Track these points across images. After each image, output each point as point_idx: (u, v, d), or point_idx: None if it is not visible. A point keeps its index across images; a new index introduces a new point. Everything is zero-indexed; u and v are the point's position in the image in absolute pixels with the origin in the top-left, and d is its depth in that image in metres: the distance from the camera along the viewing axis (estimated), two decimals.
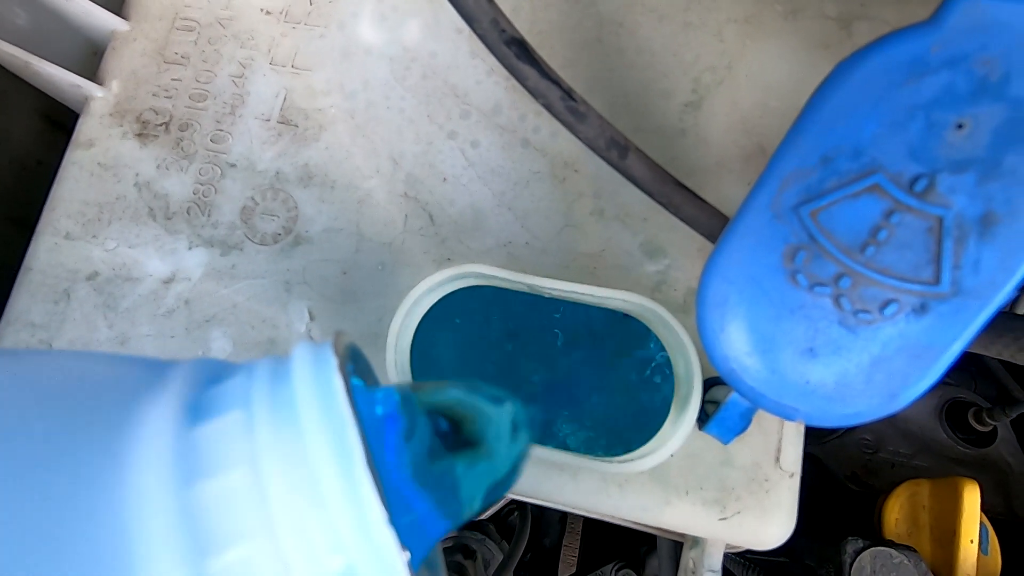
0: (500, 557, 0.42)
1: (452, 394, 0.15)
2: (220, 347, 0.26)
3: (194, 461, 0.11)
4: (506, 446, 0.14)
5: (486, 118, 0.28)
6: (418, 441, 0.13)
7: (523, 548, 0.40)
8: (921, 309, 0.17)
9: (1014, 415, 0.45)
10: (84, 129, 0.29)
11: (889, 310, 0.17)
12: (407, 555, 0.11)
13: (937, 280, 0.17)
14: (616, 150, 0.21)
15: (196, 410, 0.12)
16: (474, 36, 0.21)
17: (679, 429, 0.21)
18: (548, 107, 0.21)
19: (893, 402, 0.17)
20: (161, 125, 0.29)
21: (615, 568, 0.46)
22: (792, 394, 0.18)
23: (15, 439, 0.11)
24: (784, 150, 0.18)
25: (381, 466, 0.12)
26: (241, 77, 0.29)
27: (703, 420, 0.22)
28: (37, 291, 0.27)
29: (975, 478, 0.48)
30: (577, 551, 0.49)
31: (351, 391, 0.12)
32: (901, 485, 0.41)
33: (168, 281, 0.27)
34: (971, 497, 0.38)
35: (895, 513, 0.41)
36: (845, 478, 0.49)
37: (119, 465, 0.11)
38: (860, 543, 0.37)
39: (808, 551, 0.40)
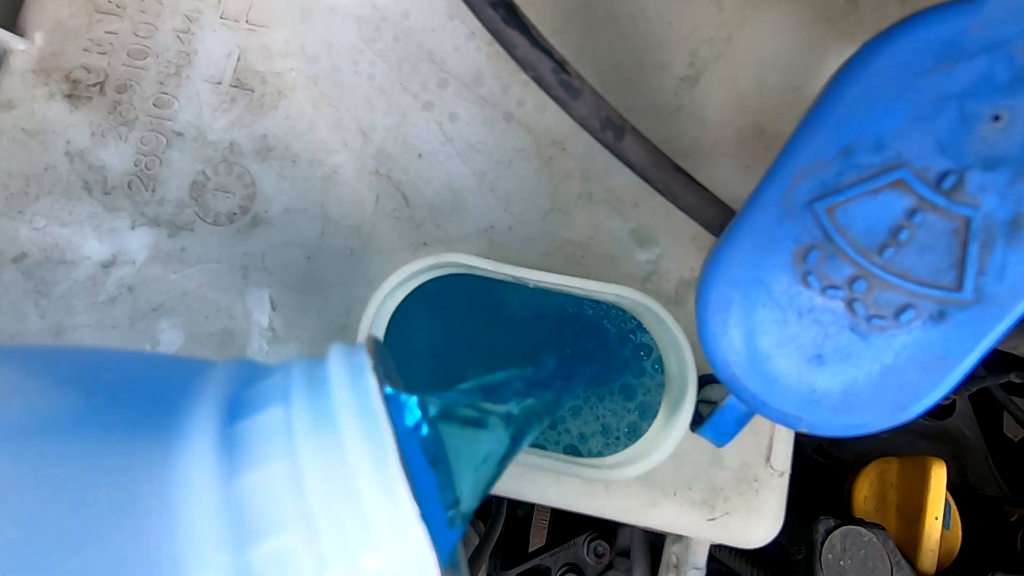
0: (476, 540, 0.41)
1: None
2: (170, 339, 0.24)
3: (237, 454, 0.11)
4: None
5: (466, 88, 0.25)
6: (434, 442, 0.14)
7: (499, 531, 0.39)
8: (939, 316, 0.16)
9: (973, 389, 0.46)
10: (3, 88, 0.25)
11: (905, 316, 0.16)
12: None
13: (959, 286, 0.15)
14: (612, 131, 0.19)
15: (237, 407, 0.12)
16: None
17: (671, 434, 0.20)
18: (538, 80, 0.19)
19: (902, 413, 0.17)
20: (95, 86, 0.26)
21: (587, 539, 0.46)
22: (796, 402, 0.17)
23: (70, 433, 0.11)
24: (799, 139, 0.17)
25: (410, 465, 0.12)
26: (187, 32, 0.26)
27: (697, 422, 0.21)
28: None
29: (935, 449, 0.49)
30: (548, 521, 0.49)
31: (384, 392, 0.12)
32: (871, 464, 0.42)
33: (108, 265, 0.24)
34: (938, 476, 0.39)
35: (864, 491, 0.42)
36: (813, 451, 0.50)
37: (167, 457, 0.11)
38: (831, 522, 0.37)
39: (780, 530, 0.40)
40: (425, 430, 0.14)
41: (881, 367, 0.16)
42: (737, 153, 0.25)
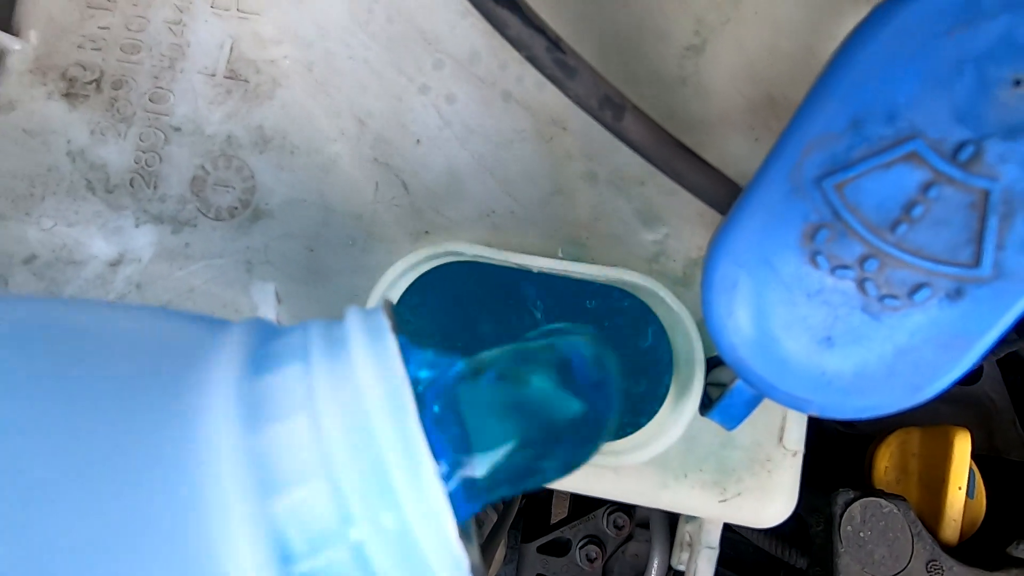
0: (494, 516, 0.42)
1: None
2: None
3: (259, 408, 0.11)
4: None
5: (462, 68, 0.25)
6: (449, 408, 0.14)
7: (516, 509, 0.40)
8: (956, 294, 0.15)
9: (1001, 354, 0.45)
10: (3, 90, 0.25)
11: (920, 295, 0.15)
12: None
13: (977, 262, 0.15)
14: (611, 110, 0.19)
15: (256, 363, 0.12)
16: None
17: (680, 418, 0.20)
18: (532, 60, 0.19)
19: (917, 394, 0.16)
20: (91, 83, 0.25)
21: (607, 511, 0.46)
22: (806, 386, 0.17)
23: (90, 386, 0.11)
24: (807, 111, 0.16)
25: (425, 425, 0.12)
26: (179, 23, 0.25)
27: (706, 405, 0.20)
28: None
29: (959, 414, 0.48)
30: (569, 494, 0.49)
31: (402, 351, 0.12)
32: (892, 434, 0.41)
33: (115, 263, 0.25)
34: (962, 445, 0.38)
35: (885, 461, 0.41)
36: (833, 420, 0.49)
37: (188, 410, 0.11)
38: (851, 494, 0.37)
39: (798, 501, 0.40)
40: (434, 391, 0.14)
41: (894, 347, 0.16)
42: (747, 125, 0.24)
